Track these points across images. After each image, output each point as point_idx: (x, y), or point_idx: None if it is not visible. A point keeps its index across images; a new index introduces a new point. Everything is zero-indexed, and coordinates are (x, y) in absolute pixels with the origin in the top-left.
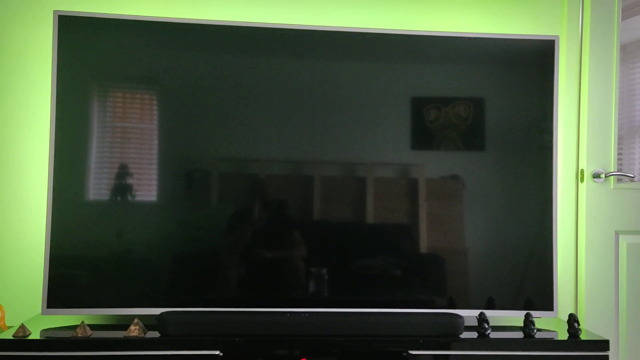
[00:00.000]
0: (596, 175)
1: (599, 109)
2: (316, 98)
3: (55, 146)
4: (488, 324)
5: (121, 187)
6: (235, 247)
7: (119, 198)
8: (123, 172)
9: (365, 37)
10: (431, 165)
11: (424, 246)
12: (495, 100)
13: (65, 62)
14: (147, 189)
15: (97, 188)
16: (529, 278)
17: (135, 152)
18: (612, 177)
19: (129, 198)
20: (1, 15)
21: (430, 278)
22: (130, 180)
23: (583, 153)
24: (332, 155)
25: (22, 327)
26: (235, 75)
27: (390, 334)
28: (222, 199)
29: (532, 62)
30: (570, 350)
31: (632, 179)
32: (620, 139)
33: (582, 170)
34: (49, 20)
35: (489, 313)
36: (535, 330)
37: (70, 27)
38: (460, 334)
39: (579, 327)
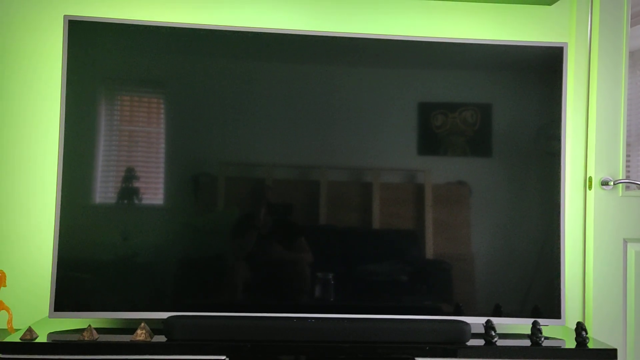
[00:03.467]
0: (604, 183)
1: (608, 116)
2: (323, 103)
3: (64, 150)
4: (495, 331)
5: (128, 191)
6: (241, 251)
7: (125, 201)
8: (130, 175)
9: (372, 42)
10: (438, 171)
11: (430, 252)
12: (503, 107)
13: (75, 66)
14: (153, 192)
15: (105, 191)
16: (537, 285)
17: (143, 156)
18: (620, 184)
19: (136, 201)
20: (11, 19)
21: (437, 284)
22: (137, 184)
23: (591, 160)
24: (338, 160)
25: (29, 330)
26: (242, 80)
27: (397, 341)
28: (228, 203)
29: (541, 69)
30: (578, 359)
31: None
32: (628, 146)
33: (590, 178)
34: (59, 25)
35: (495, 320)
36: (542, 339)
37: (79, 32)
38: (467, 341)
39: (587, 335)
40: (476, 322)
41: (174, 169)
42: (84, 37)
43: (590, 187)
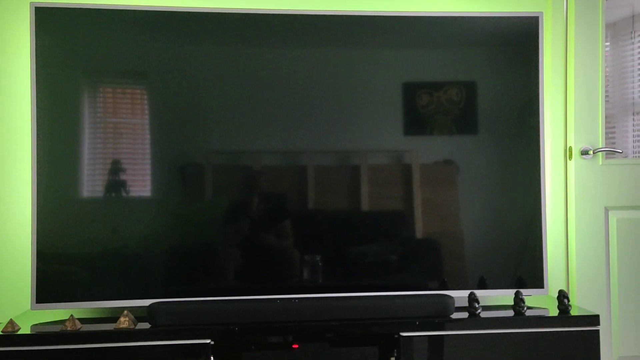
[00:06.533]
0: (584, 152)
1: (586, 85)
2: (307, 87)
3: (37, 142)
4: (478, 303)
5: (113, 183)
6: (230, 237)
7: (111, 193)
8: (115, 167)
9: (352, 20)
10: (424, 150)
11: (418, 231)
12: (486, 83)
13: (47, 56)
14: (139, 183)
15: (87, 184)
16: (520, 257)
17: (128, 147)
18: (600, 153)
19: (122, 193)
20: None
21: (424, 262)
22: (122, 176)
23: (571, 130)
24: (325, 144)
25: (11, 322)
26: (225, 66)
27: (382, 317)
28: (215, 191)
29: (519, 41)
30: (561, 326)
31: (621, 154)
32: (613, 117)
33: (570, 148)
34: (25, 13)
35: (480, 293)
36: (525, 308)
37: (48, 20)
38: (451, 314)
39: (569, 303)
40: (460, 295)
41: (160, 159)
42: (53, 25)
43: (570, 157)
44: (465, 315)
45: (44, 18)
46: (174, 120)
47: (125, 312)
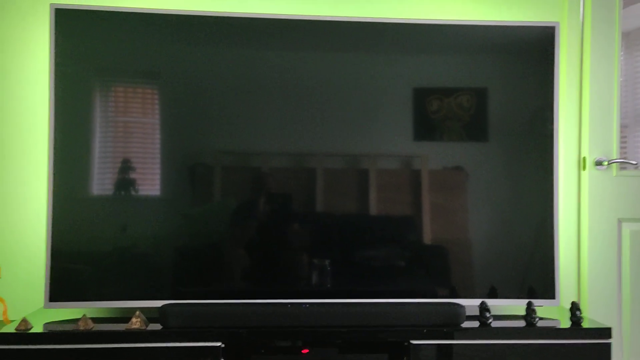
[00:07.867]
0: (598, 163)
1: (601, 96)
2: (318, 90)
3: (54, 141)
4: (489, 312)
5: (124, 182)
6: (238, 239)
7: (122, 192)
8: (125, 166)
9: (365, 26)
10: (434, 156)
11: (427, 237)
12: (498, 90)
13: (64, 56)
14: (150, 183)
15: (99, 183)
16: (532, 267)
17: (138, 147)
18: (614, 164)
19: (132, 192)
20: None
21: (433, 269)
22: (132, 175)
23: (585, 141)
24: (334, 147)
25: (24, 320)
26: (237, 68)
27: (392, 324)
28: (225, 192)
29: (534, 50)
30: (573, 338)
31: (635, 166)
32: (625, 128)
33: (585, 158)
34: (45, 14)
35: (491, 302)
36: (537, 319)
37: (68, 21)
38: (462, 323)
39: (581, 315)
40: (471, 304)
41: (170, 159)
42: (72, 26)
43: (584, 168)
44: (476, 324)
45: (63, 19)
46: (185, 121)
47: (137, 312)
